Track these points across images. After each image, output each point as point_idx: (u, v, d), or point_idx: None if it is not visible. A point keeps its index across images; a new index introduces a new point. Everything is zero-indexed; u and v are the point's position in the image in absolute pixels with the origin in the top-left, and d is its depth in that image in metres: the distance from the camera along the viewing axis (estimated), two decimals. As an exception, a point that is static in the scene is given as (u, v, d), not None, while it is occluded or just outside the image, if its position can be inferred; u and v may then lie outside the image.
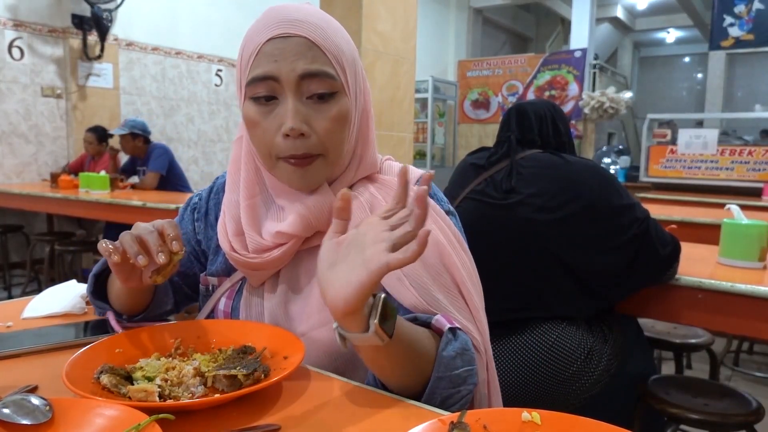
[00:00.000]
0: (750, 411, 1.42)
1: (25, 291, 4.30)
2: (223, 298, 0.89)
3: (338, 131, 0.78)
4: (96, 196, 3.48)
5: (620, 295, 1.48)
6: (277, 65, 0.75)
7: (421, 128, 7.80)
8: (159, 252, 0.71)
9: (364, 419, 0.62)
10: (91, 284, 0.91)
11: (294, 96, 0.75)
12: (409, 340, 0.66)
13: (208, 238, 0.94)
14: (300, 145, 0.76)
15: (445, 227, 0.83)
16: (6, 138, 4.60)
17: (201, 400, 0.63)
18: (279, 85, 0.75)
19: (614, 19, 10.89)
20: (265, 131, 0.78)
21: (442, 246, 0.80)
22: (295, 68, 0.74)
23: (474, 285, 0.82)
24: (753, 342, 3.26)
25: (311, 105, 0.77)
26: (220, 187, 0.95)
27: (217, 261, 0.91)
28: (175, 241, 0.73)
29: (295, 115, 0.75)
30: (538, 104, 1.62)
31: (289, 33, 0.75)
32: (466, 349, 0.72)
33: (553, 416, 0.55)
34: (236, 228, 0.85)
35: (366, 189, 0.85)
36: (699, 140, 4.64)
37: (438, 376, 0.68)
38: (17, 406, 0.57)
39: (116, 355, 0.73)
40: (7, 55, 4.53)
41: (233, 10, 6.07)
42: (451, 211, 0.88)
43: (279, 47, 0.75)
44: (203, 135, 6.07)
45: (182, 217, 0.98)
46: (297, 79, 0.75)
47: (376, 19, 3.11)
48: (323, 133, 0.77)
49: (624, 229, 1.38)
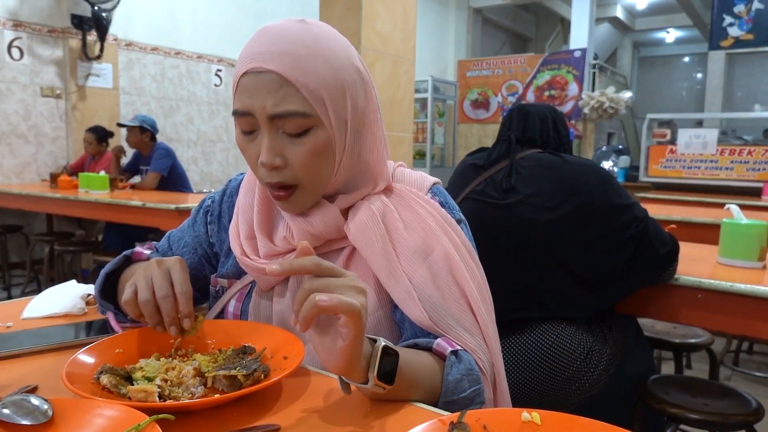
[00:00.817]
0: (750, 411, 1.42)
1: (25, 291, 4.30)
2: (233, 300, 0.89)
3: (315, 164, 0.77)
4: (95, 196, 3.47)
5: (619, 295, 1.48)
6: (251, 101, 0.74)
7: (421, 128, 7.80)
8: (171, 326, 0.74)
9: (364, 419, 0.62)
10: (100, 283, 0.89)
11: (269, 131, 0.75)
12: (412, 378, 0.66)
13: (221, 241, 0.94)
14: (275, 174, 0.77)
15: (456, 238, 0.82)
16: (5, 138, 4.60)
17: (201, 401, 0.63)
18: (255, 120, 0.76)
19: (614, 19, 10.89)
20: (250, 158, 0.79)
21: (452, 259, 0.79)
22: (265, 107, 0.74)
23: (483, 298, 0.82)
24: (753, 342, 3.26)
25: (287, 138, 0.76)
26: (233, 190, 0.95)
27: (228, 263, 0.91)
28: (186, 319, 0.74)
29: (268, 150, 0.75)
30: (540, 106, 1.64)
31: (261, 68, 0.73)
32: (471, 370, 0.72)
33: (552, 416, 0.55)
34: (248, 231, 0.85)
35: (378, 198, 0.84)
36: (699, 140, 4.64)
37: (446, 401, 0.69)
38: (17, 407, 0.57)
39: (116, 356, 0.73)
40: (6, 55, 4.53)
41: (233, 10, 6.07)
42: (462, 220, 0.89)
43: (253, 82, 0.74)
44: (203, 135, 6.07)
45: (195, 219, 0.98)
46: (268, 118, 0.74)
47: (376, 19, 3.11)
48: (299, 165, 0.76)
49: (623, 229, 1.38)
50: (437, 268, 0.79)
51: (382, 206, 0.83)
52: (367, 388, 0.62)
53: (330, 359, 0.60)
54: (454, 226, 0.84)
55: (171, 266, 0.75)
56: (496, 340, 0.82)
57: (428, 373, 0.69)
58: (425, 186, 0.89)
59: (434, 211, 0.83)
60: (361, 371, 0.61)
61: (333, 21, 3.06)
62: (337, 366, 0.60)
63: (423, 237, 0.81)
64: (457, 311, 0.78)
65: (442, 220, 0.83)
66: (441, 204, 0.87)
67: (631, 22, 11.57)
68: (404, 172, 0.91)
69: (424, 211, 0.83)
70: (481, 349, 0.77)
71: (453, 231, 0.83)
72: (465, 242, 0.84)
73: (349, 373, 0.61)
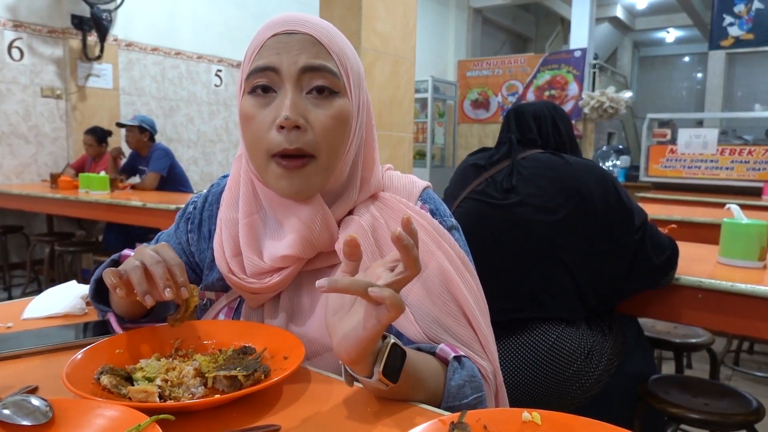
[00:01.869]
0: (750, 411, 1.41)
1: (25, 292, 4.30)
2: (221, 314, 0.87)
3: (336, 131, 0.75)
4: (96, 196, 3.48)
5: (618, 297, 1.48)
6: (279, 57, 0.74)
7: (421, 128, 7.80)
8: (166, 288, 0.69)
9: (364, 419, 0.62)
10: (92, 288, 0.88)
11: (293, 89, 0.73)
12: (415, 378, 0.66)
13: (201, 251, 0.91)
14: (294, 138, 0.73)
15: (449, 249, 0.80)
16: (6, 139, 4.60)
17: (201, 401, 0.63)
18: (279, 78, 0.74)
19: (614, 19, 10.89)
20: (260, 124, 0.75)
21: (447, 273, 0.78)
22: (297, 61, 0.73)
23: (481, 308, 0.80)
24: (753, 342, 3.26)
25: (310, 100, 0.75)
26: (214, 197, 0.92)
27: (213, 276, 0.88)
28: (183, 287, 0.71)
29: (293, 106, 0.72)
30: (537, 105, 1.62)
31: (294, 30, 0.75)
32: (474, 377, 0.72)
33: (553, 416, 0.55)
34: (234, 248, 0.82)
35: (367, 210, 0.82)
36: (699, 140, 4.64)
37: (448, 406, 0.68)
38: (17, 407, 0.57)
39: (116, 356, 0.73)
40: (6, 55, 4.53)
41: (233, 10, 6.07)
42: (454, 226, 0.86)
43: (283, 41, 0.74)
44: (203, 135, 6.07)
45: (177, 225, 0.95)
46: (298, 72, 0.73)
47: (376, 19, 3.11)
48: (320, 130, 0.74)
49: (621, 233, 1.38)
50: (432, 285, 0.77)
51: (372, 219, 0.81)
52: (370, 383, 0.62)
53: (343, 345, 0.59)
54: (447, 236, 0.82)
55: (159, 247, 0.74)
56: (494, 349, 0.81)
57: (432, 377, 0.69)
58: (415, 192, 0.86)
59: (426, 224, 0.81)
60: (367, 364, 0.61)
61: (333, 21, 3.06)
62: (348, 353, 0.59)
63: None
64: (456, 327, 0.77)
65: (434, 233, 0.80)
66: (432, 212, 0.85)
67: (631, 21, 11.56)
68: (393, 177, 0.88)
69: (416, 223, 0.79)
70: (483, 359, 0.77)
71: (446, 242, 0.81)
72: (458, 252, 0.81)
73: (357, 363, 0.60)
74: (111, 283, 0.70)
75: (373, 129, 0.85)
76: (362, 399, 0.67)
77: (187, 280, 0.72)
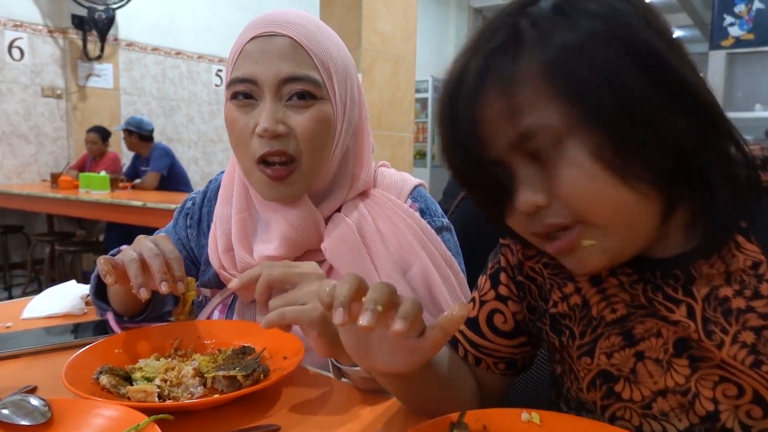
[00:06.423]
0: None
1: (26, 291, 4.30)
2: (216, 311, 0.87)
3: (319, 135, 0.75)
4: (96, 196, 3.48)
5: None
6: (257, 67, 0.73)
7: (421, 128, 7.80)
8: (162, 281, 0.69)
9: (364, 419, 0.62)
10: (93, 285, 0.89)
11: (272, 98, 0.73)
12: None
13: (200, 247, 0.91)
14: (275, 142, 0.73)
15: (434, 251, 0.80)
16: (6, 138, 4.60)
17: (200, 401, 0.63)
18: (258, 88, 0.74)
19: (614, 19, 10.89)
20: (242, 129, 0.75)
21: (430, 276, 0.78)
22: (277, 72, 0.72)
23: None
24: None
25: (291, 107, 0.74)
26: (212, 194, 0.92)
27: (209, 272, 0.88)
28: (180, 282, 0.71)
29: (270, 116, 0.72)
30: None
31: (274, 32, 0.73)
32: None
33: (552, 416, 0.55)
34: (226, 244, 0.83)
35: (355, 207, 0.82)
36: (699, 140, 4.63)
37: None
38: (16, 407, 0.56)
39: (115, 356, 0.73)
40: (7, 55, 4.53)
41: (233, 10, 6.07)
42: (445, 226, 0.85)
43: (261, 48, 0.73)
44: (203, 135, 6.07)
45: (176, 221, 0.96)
46: (278, 83, 0.73)
47: (376, 19, 3.11)
48: (302, 134, 0.74)
49: None
50: (415, 285, 0.77)
51: (359, 217, 0.81)
52: (357, 371, 0.63)
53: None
54: (434, 238, 0.81)
55: (158, 239, 0.74)
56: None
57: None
58: (406, 190, 0.85)
59: (413, 223, 0.80)
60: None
61: (333, 21, 3.06)
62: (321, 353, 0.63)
63: (401, 252, 0.79)
64: None
65: (421, 233, 0.80)
66: (422, 211, 0.84)
67: (631, 21, 11.57)
68: (385, 174, 0.88)
69: (403, 223, 0.80)
70: None
71: (432, 244, 0.80)
72: (445, 254, 0.81)
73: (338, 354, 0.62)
74: (102, 269, 0.70)
75: (367, 122, 0.84)
76: (361, 398, 0.67)
77: (184, 274, 0.72)
